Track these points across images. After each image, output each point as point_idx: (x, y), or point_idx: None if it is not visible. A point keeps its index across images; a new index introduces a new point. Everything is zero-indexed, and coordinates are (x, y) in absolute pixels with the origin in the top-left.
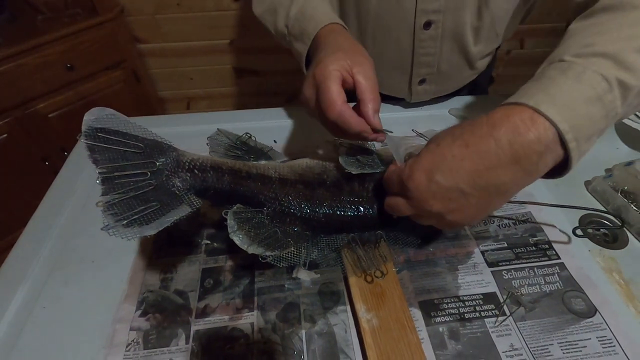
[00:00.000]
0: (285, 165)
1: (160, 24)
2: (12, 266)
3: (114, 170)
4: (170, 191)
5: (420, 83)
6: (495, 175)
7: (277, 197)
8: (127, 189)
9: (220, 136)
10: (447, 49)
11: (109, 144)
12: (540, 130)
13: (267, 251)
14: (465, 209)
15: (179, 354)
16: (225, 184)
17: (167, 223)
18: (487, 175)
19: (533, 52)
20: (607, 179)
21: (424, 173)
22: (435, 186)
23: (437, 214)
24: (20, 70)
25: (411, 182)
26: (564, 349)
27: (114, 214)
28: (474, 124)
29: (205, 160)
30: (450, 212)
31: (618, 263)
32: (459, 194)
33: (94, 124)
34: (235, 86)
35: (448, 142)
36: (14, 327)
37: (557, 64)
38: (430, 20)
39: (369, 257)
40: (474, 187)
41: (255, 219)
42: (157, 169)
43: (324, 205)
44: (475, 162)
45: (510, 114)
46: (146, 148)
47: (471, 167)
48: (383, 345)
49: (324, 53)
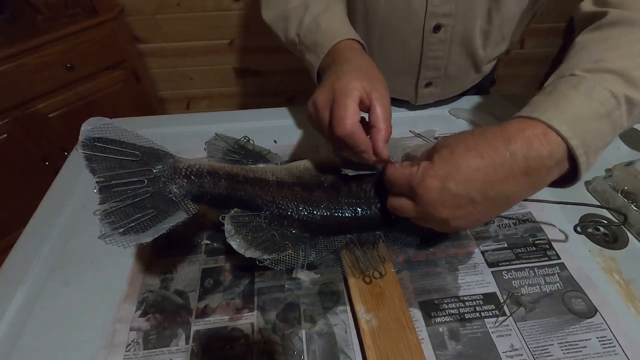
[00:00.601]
0: (283, 168)
1: (160, 24)
2: (12, 266)
3: (111, 179)
4: (167, 198)
5: (427, 86)
6: (506, 186)
7: (275, 200)
8: (124, 197)
9: (218, 141)
10: (455, 52)
11: (106, 153)
12: (553, 146)
13: (265, 254)
14: (470, 216)
15: (179, 354)
16: (222, 189)
17: (163, 230)
18: (499, 186)
19: (533, 52)
20: (607, 179)
21: (437, 180)
22: (447, 194)
23: (443, 219)
24: (20, 70)
25: (422, 187)
26: (564, 349)
27: (111, 222)
28: (488, 134)
29: (201, 165)
30: (456, 219)
31: (618, 263)
32: (469, 202)
33: (91, 134)
34: (236, 86)
35: (462, 151)
36: (14, 327)
37: (568, 78)
38: (440, 23)
39: (367, 258)
40: (485, 196)
41: (253, 222)
42: (154, 176)
43: (321, 207)
44: (489, 173)
45: (525, 128)
46: (143, 156)
47: (485, 178)
48: (382, 346)
49: (345, 69)
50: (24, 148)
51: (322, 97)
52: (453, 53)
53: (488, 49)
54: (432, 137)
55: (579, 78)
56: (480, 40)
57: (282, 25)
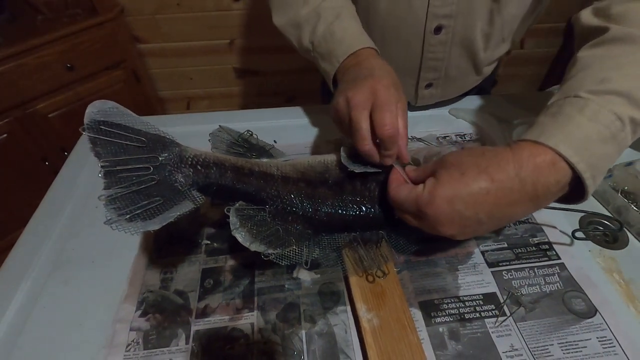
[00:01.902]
0: (288, 163)
1: (160, 24)
2: (12, 266)
3: (116, 164)
4: (173, 186)
5: (427, 87)
6: (512, 209)
7: (280, 195)
8: (130, 183)
9: (222, 133)
10: (455, 54)
11: (111, 137)
12: (561, 174)
13: (270, 249)
14: (475, 232)
15: (179, 354)
16: (228, 181)
17: (171, 218)
18: (506, 209)
19: (533, 52)
20: (607, 179)
21: (446, 201)
22: (456, 215)
23: (449, 235)
24: (20, 70)
25: (431, 208)
26: (564, 349)
27: (117, 208)
28: (500, 157)
29: (208, 156)
30: (461, 235)
31: (618, 263)
32: (475, 222)
33: (97, 117)
34: (236, 86)
35: (473, 174)
36: (14, 327)
37: (573, 99)
38: (441, 24)
39: (371, 256)
40: (491, 217)
41: (258, 216)
42: (159, 164)
43: (326, 204)
44: (499, 197)
45: (536, 155)
46: (149, 142)
47: (494, 201)
48: (384, 345)
49: (377, 73)
50: (24, 148)
51: (360, 97)
52: (453, 54)
53: (488, 51)
54: (434, 140)
55: (585, 101)
56: (481, 42)
57: (294, 32)
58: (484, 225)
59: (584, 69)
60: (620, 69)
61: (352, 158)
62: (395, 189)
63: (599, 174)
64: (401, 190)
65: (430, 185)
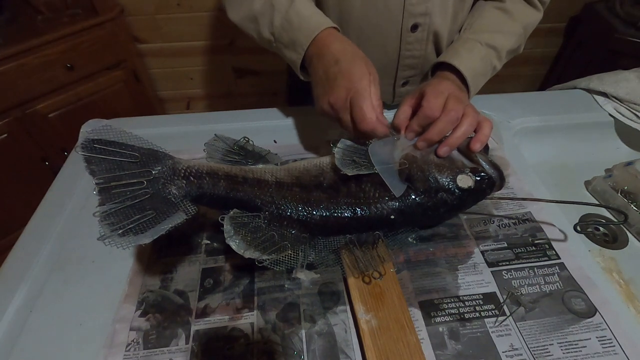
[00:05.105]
0: (282, 168)
1: (160, 24)
2: (12, 266)
3: (110, 181)
4: (167, 199)
5: (404, 85)
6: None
7: (274, 200)
8: (124, 199)
9: (218, 142)
10: (430, 51)
11: (105, 154)
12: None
13: (264, 255)
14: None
15: (179, 354)
16: (221, 190)
17: (162, 231)
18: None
19: (533, 52)
20: (607, 179)
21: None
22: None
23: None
24: (20, 70)
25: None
26: (563, 349)
27: (110, 223)
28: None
29: (201, 166)
30: None
31: (618, 263)
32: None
33: (91, 136)
34: (235, 86)
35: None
36: (14, 327)
37: (466, 39)
38: (417, 22)
39: (367, 258)
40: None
41: (252, 223)
42: (153, 178)
43: (321, 207)
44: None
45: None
46: (142, 157)
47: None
48: (382, 346)
49: (343, 66)
50: (24, 148)
51: (340, 103)
52: (428, 52)
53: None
54: None
55: (473, 42)
56: (446, 39)
57: (252, 26)
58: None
59: (479, 19)
60: (497, 31)
61: (345, 160)
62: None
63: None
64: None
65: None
